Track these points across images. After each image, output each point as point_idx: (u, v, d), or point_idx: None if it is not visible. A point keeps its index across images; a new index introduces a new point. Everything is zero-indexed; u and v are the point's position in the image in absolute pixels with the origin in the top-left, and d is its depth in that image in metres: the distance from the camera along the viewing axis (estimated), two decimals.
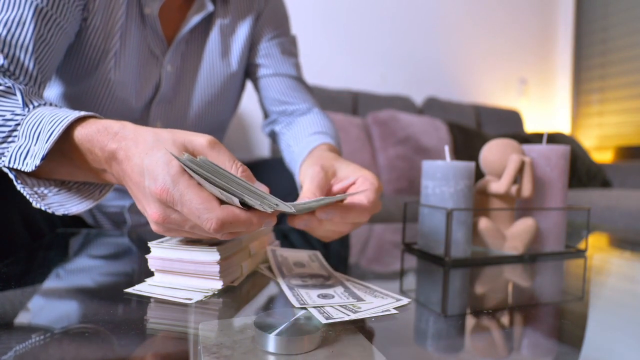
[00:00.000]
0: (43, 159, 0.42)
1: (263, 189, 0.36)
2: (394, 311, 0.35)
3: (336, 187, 0.49)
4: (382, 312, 0.34)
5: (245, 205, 0.34)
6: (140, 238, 0.66)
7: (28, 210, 0.62)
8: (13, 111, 0.46)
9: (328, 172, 0.49)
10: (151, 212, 0.35)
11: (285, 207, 0.35)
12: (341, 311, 0.34)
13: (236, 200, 0.33)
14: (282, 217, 0.82)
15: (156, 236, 0.44)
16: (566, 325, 0.37)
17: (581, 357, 0.30)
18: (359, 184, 0.47)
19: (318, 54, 2.32)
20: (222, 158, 0.37)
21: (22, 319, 0.33)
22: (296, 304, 0.35)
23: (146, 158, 0.36)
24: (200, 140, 0.37)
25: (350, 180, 0.48)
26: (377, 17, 2.49)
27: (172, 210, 0.35)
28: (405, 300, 0.37)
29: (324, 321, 0.31)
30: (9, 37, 0.52)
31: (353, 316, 0.33)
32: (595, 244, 0.77)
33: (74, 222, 0.78)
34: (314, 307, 0.34)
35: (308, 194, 0.45)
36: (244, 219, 0.34)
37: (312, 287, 0.40)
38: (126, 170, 0.38)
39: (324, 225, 0.44)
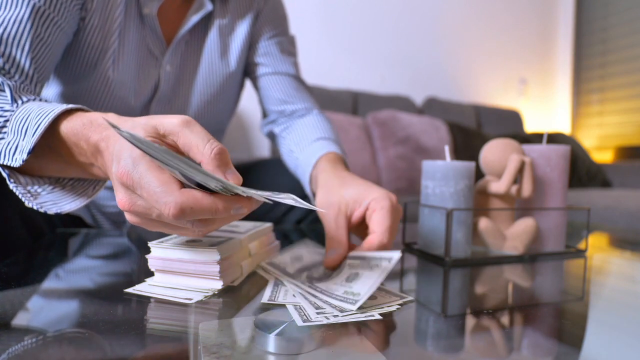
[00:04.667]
0: (30, 152, 0.41)
1: (234, 178, 0.33)
2: (378, 316, 0.33)
3: (354, 217, 0.49)
4: (365, 317, 0.33)
5: (208, 190, 0.31)
6: (140, 238, 0.66)
7: (27, 210, 0.62)
8: (2, 107, 0.46)
9: (341, 208, 0.50)
10: (118, 199, 0.34)
11: (240, 191, 0.31)
12: (323, 313, 0.33)
13: (178, 173, 0.30)
14: (281, 216, 0.82)
15: (156, 236, 0.44)
16: (566, 325, 0.37)
17: (581, 357, 0.30)
18: (372, 209, 0.48)
19: (318, 54, 2.31)
20: (196, 136, 0.34)
21: (21, 319, 0.33)
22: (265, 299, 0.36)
23: (116, 144, 0.34)
24: (172, 120, 0.35)
25: (363, 206, 0.49)
26: (377, 17, 2.49)
27: (137, 197, 0.33)
28: (396, 305, 0.37)
29: (300, 323, 0.30)
30: (5, 36, 0.52)
31: (333, 320, 0.31)
32: (595, 244, 0.77)
33: (74, 222, 0.78)
34: (292, 305, 0.35)
35: (341, 246, 0.46)
36: (206, 204, 0.31)
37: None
38: (106, 160, 0.37)
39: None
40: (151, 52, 0.70)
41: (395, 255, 0.38)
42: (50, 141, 0.43)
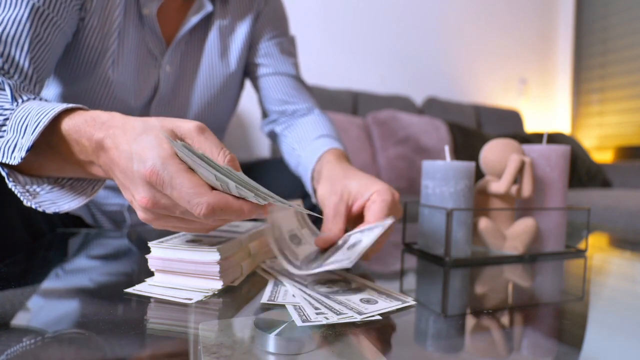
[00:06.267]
0: (28, 150, 0.41)
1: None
2: (378, 317, 0.33)
3: (355, 207, 0.50)
4: (365, 317, 0.33)
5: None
6: (140, 238, 0.66)
7: (28, 210, 0.62)
8: (2, 106, 0.46)
9: (343, 196, 0.50)
10: (139, 197, 0.35)
11: (279, 201, 0.35)
12: (322, 313, 0.33)
13: (232, 185, 0.33)
14: None
15: (156, 236, 0.44)
16: (566, 325, 0.37)
17: (581, 357, 0.30)
18: (372, 200, 0.48)
19: (319, 54, 2.31)
20: (210, 144, 0.36)
21: (21, 319, 0.33)
22: (264, 299, 0.36)
23: (134, 143, 0.35)
24: (187, 125, 0.36)
25: (365, 197, 0.49)
26: (377, 17, 2.49)
27: (162, 195, 0.34)
28: (404, 304, 0.37)
29: (299, 323, 0.30)
30: (4, 36, 0.52)
31: (332, 320, 0.31)
32: (595, 244, 0.77)
33: (74, 221, 0.78)
34: (291, 304, 0.34)
35: (335, 230, 0.48)
36: (235, 206, 0.34)
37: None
38: (113, 157, 0.37)
39: None
40: (151, 52, 0.70)
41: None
42: (50, 138, 0.43)
